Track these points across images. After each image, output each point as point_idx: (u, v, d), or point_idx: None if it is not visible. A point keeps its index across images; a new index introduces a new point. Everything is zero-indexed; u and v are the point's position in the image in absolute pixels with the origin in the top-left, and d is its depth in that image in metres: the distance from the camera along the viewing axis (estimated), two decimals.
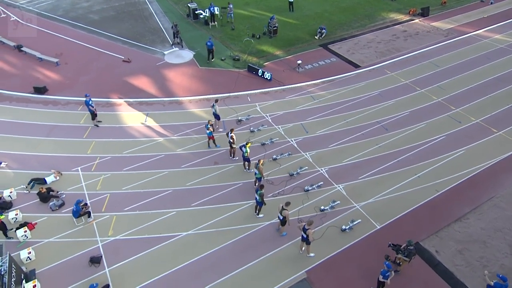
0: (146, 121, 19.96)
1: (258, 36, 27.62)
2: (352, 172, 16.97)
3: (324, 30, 27.79)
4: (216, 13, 29.32)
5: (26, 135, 19.04)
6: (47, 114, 20.50)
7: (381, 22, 30.11)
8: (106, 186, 16.32)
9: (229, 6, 29.09)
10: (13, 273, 11.86)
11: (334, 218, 15.01)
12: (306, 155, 17.93)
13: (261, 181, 15.57)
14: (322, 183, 16.42)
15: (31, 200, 15.70)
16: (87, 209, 14.81)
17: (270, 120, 20.10)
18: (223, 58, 25.21)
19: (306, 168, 17.16)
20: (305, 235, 12.85)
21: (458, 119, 20.00)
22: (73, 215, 14.53)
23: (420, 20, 30.49)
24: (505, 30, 28.77)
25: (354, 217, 15.00)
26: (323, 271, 13.27)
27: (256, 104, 21.29)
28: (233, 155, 17.57)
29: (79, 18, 30.62)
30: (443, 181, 16.52)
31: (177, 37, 26.43)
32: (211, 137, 17.64)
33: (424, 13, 30.96)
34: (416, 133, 19.11)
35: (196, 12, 29.83)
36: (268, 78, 23.07)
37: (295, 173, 16.84)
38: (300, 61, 24.12)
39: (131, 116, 20.40)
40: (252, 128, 19.36)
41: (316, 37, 27.73)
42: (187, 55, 25.76)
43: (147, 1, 33.93)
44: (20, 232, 14.09)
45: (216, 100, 18.77)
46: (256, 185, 15.41)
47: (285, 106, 21.16)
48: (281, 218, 13.80)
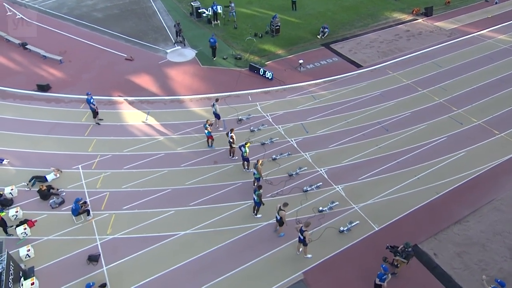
0: (147, 120, 19.83)
1: (261, 35, 27.35)
2: (352, 173, 16.74)
3: (327, 30, 27.44)
4: (219, 12, 29.05)
5: (29, 133, 19.00)
6: (50, 112, 20.44)
7: (384, 22, 29.69)
8: (106, 184, 16.23)
9: (231, 5, 28.83)
10: (11, 271, 11.80)
11: (333, 219, 14.81)
12: (306, 155, 17.72)
13: (260, 181, 15.40)
14: (321, 184, 16.21)
15: (32, 198, 15.65)
16: (86, 207, 14.74)
17: (271, 120, 19.89)
18: (225, 57, 24.99)
19: (306, 169, 16.95)
20: (302, 237, 12.67)
21: (460, 120, 19.66)
22: (72, 213, 14.46)
23: (424, 20, 30.03)
24: (509, 31, 28.23)
25: (353, 219, 14.79)
26: (320, 273, 13.10)
27: (257, 104, 21.08)
28: (233, 155, 17.40)
29: (83, 16, 30.51)
30: (443, 183, 16.25)
31: (180, 36, 26.24)
32: (210, 137, 17.47)
33: (428, 13, 30.47)
34: (417, 134, 18.81)
35: (199, 11, 29.58)
36: (270, 78, 22.83)
37: (294, 174, 16.65)
38: (302, 61, 23.83)
39: (132, 114, 20.29)
40: (252, 128, 19.17)
41: (318, 37, 27.40)
42: (189, 54, 25.57)
43: (151, 0, 33.77)
44: (20, 230, 14.06)
45: (217, 99, 18.59)
46: (255, 185, 15.22)
47: (286, 106, 20.93)
48: (279, 219, 13.63)
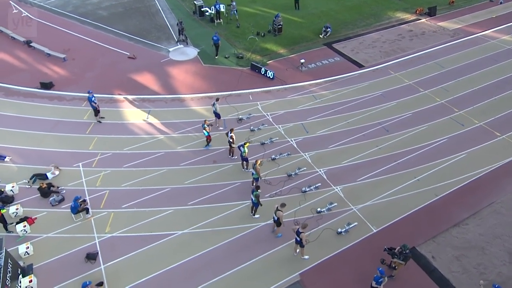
0: (148, 118, 19.71)
1: (263, 34, 27.08)
2: (351, 174, 16.50)
3: (329, 29, 27.11)
4: (222, 11, 28.81)
5: (31, 130, 18.95)
6: (52, 110, 20.38)
7: (387, 22, 29.27)
8: (106, 183, 16.14)
9: (232, 4, 28.60)
10: (9, 269, 11.76)
11: (330, 221, 14.60)
12: (305, 156, 17.49)
13: (258, 182, 15.22)
14: (320, 185, 16.00)
15: (32, 195, 15.60)
16: (85, 206, 14.66)
17: (271, 119, 19.67)
18: (227, 56, 24.77)
19: (305, 169, 16.74)
20: (299, 238, 12.49)
21: (461, 122, 19.31)
22: (71, 211, 14.36)
23: (427, 20, 29.56)
24: None
25: (351, 220, 14.58)
26: (317, 274, 12.92)
27: (258, 103, 20.86)
28: (232, 154, 17.23)
29: (88, 14, 30.41)
30: (443, 185, 15.96)
31: (182, 34, 26.04)
32: (208, 137, 17.29)
33: (431, 13, 29.99)
34: (418, 135, 18.50)
35: (202, 10, 29.36)
36: (271, 77, 22.59)
37: (293, 174, 16.44)
38: (304, 60, 23.54)
39: (134, 113, 20.17)
40: (252, 127, 18.96)
41: (321, 36, 27.08)
42: (192, 53, 25.39)
43: None
44: (20, 227, 14.01)
45: (217, 99, 18.40)
46: (253, 186, 15.02)
47: (287, 105, 20.69)
48: (276, 219, 13.45)
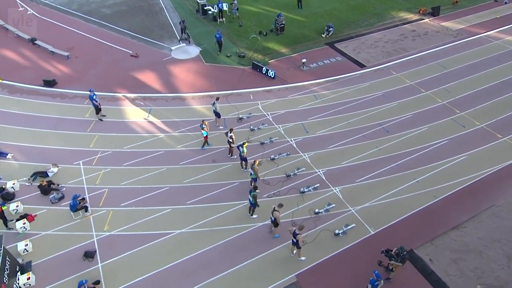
0: (149, 117, 19.59)
1: (265, 33, 26.82)
2: (350, 175, 16.28)
3: (331, 29, 26.78)
4: (225, 9, 28.59)
5: (33, 127, 18.91)
6: (54, 107, 20.33)
7: (390, 21, 28.86)
8: (105, 181, 16.06)
9: (234, 2, 28.34)
10: (7, 266, 11.72)
11: (328, 222, 14.41)
12: (305, 156, 17.29)
13: (257, 182, 15.05)
14: (319, 185, 15.80)
15: (33, 192, 15.56)
16: (84, 204, 14.60)
17: (271, 119, 19.47)
18: (229, 55, 24.55)
19: (304, 169, 16.54)
20: (295, 240, 12.32)
21: (462, 123, 18.98)
22: (70, 209, 14.32)
23: (430, 20, 29.10)
24: None
25: (349, 221, 14.38)
26: (313, 276, 12.76)
27: (258, 102, 20.65)
28: (232, 154, 17.07)
29: (92, 12, 30.30)
30: (443, 187, 15.70)
31: (185, 33, 25.86)
32: (205, 137, 17.11)
33: (435, 13, 29.51)
34: (418, 137, 18.22)
35: (205, 8, 29.16)
36: (272, 76, 22.35)
37: (292, 174, 16.25)
38: (305, 60, 23.27)
39: (135, 111, 20.06)
40: (252, 127, 18.77)
41: (323, 35, 26.76)
42: (194, 51, 25.20)
43: None
44: (19, 224, 13.99)
45: (217, 98, 18.21)
46: (252, 186, 14.85)
47: (287, 105, 20.46)
48: (273, 220, 13.30)
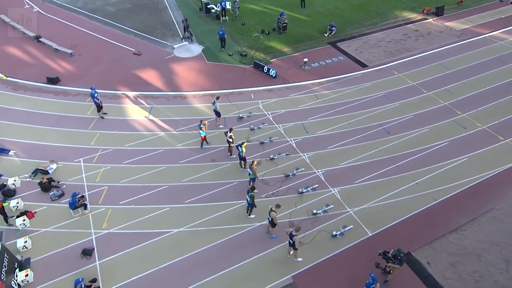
0: (150, 115, 19.47)
1: (268, 32, 26.55)
2: (349, 176, 16.05)
3: (334, 28, 26.43)
4: (228, 8, 28.35)
5: (35, 124, 18.88)
6: (57, 104, 20.28)
7: (393, 21, 28.43)
8: (105, 179, 15.99)
9: (236, 0, 28.08)
10: (5, 263, 11.69)
11: (326, 223, 14.22)
12: (304, 156, 17.08)
13: (255, 182, 14.89)
14: (317, 186, 15.60)
15: (33, 189, 15.53)
16: (84, 201, 14.54)
17: (271, 119, 19.26)
18: (231, 54, 24.34)
19: (303, 170, 16.34)
20: (292, 241, 12.16)
21: (464, 125, 18.64)
22: (70, 207, 14.27)
23: (434, 20, 28.63)
24: None
25: (346, 223, 14.18)
26: (310, 277, 12.60)
27: (259, 102, 20.45)
28: (231, 153, 16.91)
29: (97, 10, 30.21)
30: (442, 189, 15.43)
31: (187, 31, 25.69)
32: (203, 137, 16.92)
33: (439, 13, 29.02)
34: (419, 138, 17.92)
35: (208, 7, 28.92)
36: (273, 75, 22.12)
37: (291, 174, 16.06)
38: (307, 59, 22.98)
39: (136, 109, 19.95)
40: (252, 126, 18.59)
41: (326, 35, 26.43)
42: (196, 50, 25.02)
43: None
44: (19, 220, 13.96)
45: (217, 97, 18.05)
46: (250, 186, 14.67)
47: (288, 105, 20.24)
48: (270, 220, 13.14)
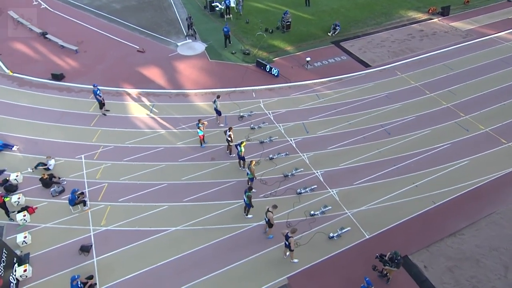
0: (151, 113, 19.35)
1: (271, 31, 26.23)
2: (348, 177, 15.79)
3: (338, 27, 26.02)
4: (232, 6, 28.07)
5: (39, 120, 18.88)
6: (60, 101, 20.25)
7: (398, 20, 27.90)
8: (106, 176, 15.92)
9: None
10: (3, 258, 11.68)
11: (323, 224, 14.00)
12: (304, 156, 16.84)
13: (253, 182, 14.72)
14: (316, 187, 15.36)
15: (35, 185, 15.53)
16: (83, 198, 14.50)
17: (272, 118, 19.02)
18: (234, 52, 24.09)
19: (302, 170, 16.11)
20: (287, 243, 11.98)
21: (466, 127, 18.22)
22: (69, 203, 14.23)
23: (439, 20, 28.04)
24: None
25: (344, 225, 13.95)
26: (305, 278, 12.42)
27: (260, 101, 20.21)
28: (230, 152, 16.74)
29: (102, 7, 30.11)
30: (442, 192, 15.10)
31: (191, 29, 25.48)
32: (201, 136, 16.73)
33: (444, 13, 28.41)
34: (420, 140, 17.56)
35: (213, 4, 28.68)
36: (275, 74, 21.84)
37: (290, 175, 15.84)
38: (309, 58, 22.65)
39: (138, 107, 19.84)
40: (253, 125, 18.37)
41: (329, 34, 26.04)
42: (199, 47, 24.82)
43: None
44: (20, 216, 13.97)
45: (218, 96, 17.86)
46: (248, 185, 14.50)
47: (289, 104, 19.97)
48: (267, 220, 12.96)
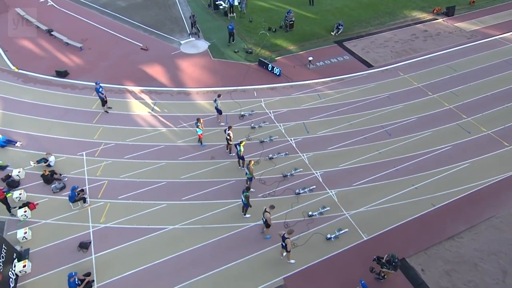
0: (153, 110, 19.28)
1: (274, 30, 25.97)
2: (347, 178, 15.59)
3: (341, 27, 25.69)
4: (236, 5, 27.85)
5: (42, 117, 18.90)
6: (64, 98, 20.25)
7: (402, 20, 27.48)
8: (106, 173, 15.89)
9: None
10: (3, 254, 11.70)
11: (321, 225, 13.84)
12: (303, 156, 16.66)
13: (252, 182, 14.59)
14: (315, 187, 15.19)
15: (36, 181, 15.54)
16: (83, 195, 14.48)
17: (273, 117, 18.84)
18: (236, 51, 23.90)
19: (301, 170, 15.94)
20: (284, 243, 11.85)
21: (468, 129, 17.91)
22: (69, 200, 14.22)
23: (444, 20, 27.57)
24: None
25: (342, 226, 13.78)
26: (301, 279, 12.29)
27: (261, 100, 20.03)
28: (230, 151, 16.62)
29: (108, 5, 30.05)
30: (442, 195, 14.86)
31: (195, 27, 25.33)
32: (200, 135, 16.61)
33: (449, 13, 27.92)
34: (421, 141, 17.29)
35: (217, 3, 28.48)
36: (277, 74, 21.63)
37: (289, 175, 15.68)
38: (312, 58, 22.40)
39: (140, 104, 19.77)
40: (253, 125, 18.22)
41: (333, 33, 25.73)
42: (202, 46, 24.67)
43: None
44: (21, 211, 14.01)
45: (219, 95, 17.73)
46: (247, 185, 14.37)
47: (290, 104, 19.77)
48: (264, 221, 12.84)
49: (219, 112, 17.96)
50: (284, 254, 12.65)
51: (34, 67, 22.72)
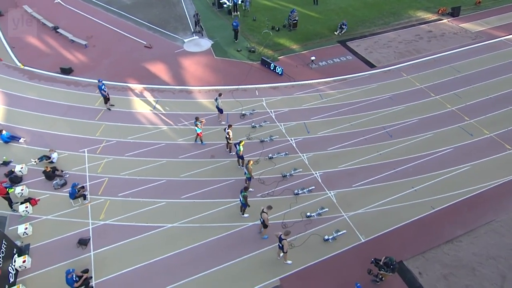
0: (155, 108, 19.21)
1: (278, 29, 25.73)
2: (346, 179, 15.40)
3: (345, 26, 25.37)
4: (240, 3, 27.62)
5: (46, 113, 18.92)
6: (67, 94, 20.25)
7: (407, 21, 27.06)
8: (107, 170, 15.87)
9: None
10: (3, 249, 11.73)
11: (319, 226, 13.69)
12: (303, 157, 16.49)
13: (251, 181, 14.47)
14: (314, 188, 15.03)
15: (38, 177, 15.57)
16: (83, 192, 14.47)
17: (274, 117, 18.67)
18: (239, 49, 23.72)
19: (300, 170, 15.78)
20: (281, 244, 11.72)
21: (470, 131, 17.59)
22: (70, 197, 14.22)
23: (449, 21, 27.10)
24: None
25: (340, 227, 13.62)
26: (298, 281, 12.17)
27: (263, 99, 19.86)
28: (230, 150, 16.51)
29: (113, 2, 29.95)
30: (441, 198, 14.62)
31: (198, 26, 25.17)
32: (199, 134, 16.51)
33: (454, 13, 27.42)
34: (422, 143, 17.02)
35: (221, 1, 28.28)
36: (279, 73, 21.42)
37: (288, 175, 15.53)
38: (314, 57, 22.15)
39: (142, 102, 19.71)
40: (254, 124, 18.07)
41: (336, 33, 25.42)
42: (206, 44, 24.52)
43: None
44: (22, 207, 14.04)
45: (220, 94, 17.60)
46: (246, 185, 14.26)
47: (291, 103, 19.58)
48: (262, 221, 12.72)
49: (220, 111, 17.83)
50: (281, 255, 12.53)
51: (40, 64, 22.75)
